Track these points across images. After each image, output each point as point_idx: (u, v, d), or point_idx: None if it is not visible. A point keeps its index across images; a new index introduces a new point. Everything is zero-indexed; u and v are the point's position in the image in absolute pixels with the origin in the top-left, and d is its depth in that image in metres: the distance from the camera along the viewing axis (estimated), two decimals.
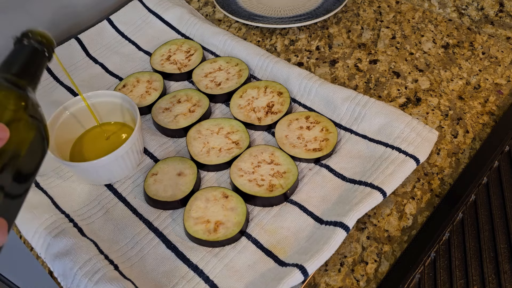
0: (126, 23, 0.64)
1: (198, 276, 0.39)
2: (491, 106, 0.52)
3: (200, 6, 0.71)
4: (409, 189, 0.45)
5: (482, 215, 0.42)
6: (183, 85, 0.57)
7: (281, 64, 0.55)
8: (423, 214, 0.44)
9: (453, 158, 0.48)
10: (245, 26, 0.66)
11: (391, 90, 0.55)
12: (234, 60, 0.57)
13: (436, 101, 0.53)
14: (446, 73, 0.56)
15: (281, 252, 0.40)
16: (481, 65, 0.57)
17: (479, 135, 0.50)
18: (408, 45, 0.61)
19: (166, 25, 0.65)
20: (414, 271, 0.39)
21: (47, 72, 0.58)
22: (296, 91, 0.53)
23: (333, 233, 0.39)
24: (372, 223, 0.43)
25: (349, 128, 0.49)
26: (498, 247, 0.40)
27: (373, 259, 0.41)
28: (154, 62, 0.58)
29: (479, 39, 0.60)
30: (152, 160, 0.49)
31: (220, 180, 0.47)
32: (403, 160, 0.44)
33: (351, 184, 0.44)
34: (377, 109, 0.48)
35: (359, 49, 0.61)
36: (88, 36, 0.62)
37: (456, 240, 0.41)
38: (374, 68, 0.58)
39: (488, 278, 0.38)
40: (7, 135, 0.27)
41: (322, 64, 0.59)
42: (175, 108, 0.52)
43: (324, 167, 0.47)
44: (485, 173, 0.45)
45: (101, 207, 0.45)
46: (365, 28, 0.64)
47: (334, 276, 0.40)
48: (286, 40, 0.63)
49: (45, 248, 0.40)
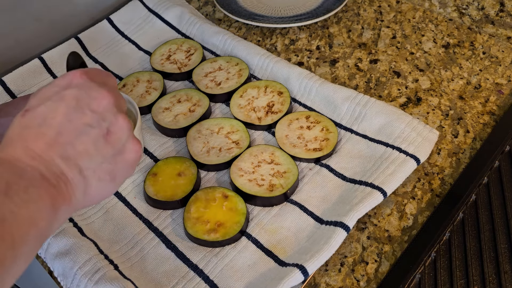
0: (126, 22, 0.64)
1: (198, 276, 0.39)
2: (492, 106, 0.52)
3: (200, 5, 0.70)
4: (409, 189, 0.45)
5: (483, 215, 0.42)
6: (183, 84, 0.57)
7: (282, 64, 0.55)
8: (423, 214, 0.43)
9: (454, 158, 0.48)
10: (245, 26, 0.66)
11: (391, 89, 0.55)
12: (234, 59, 0.57)
13: (437, 101, 0.53)
14: (446, 73, 0.56)
15: (281, 252, 0.40)
16: (482, 65, 0.57)
17: (479, 135, 0.50)
18: (409, 45, 0.60)
19: (166, 25, 0.65)
20: (415, 271, 0.39)
21: (47, 72, 0.58)
22: (297, 90, 0.53)
23: (334, 233, 0.39)
24: (372, 223, 0.43)
25: (350, 128, 0.49)
26: (499, 247, 0.40)
27: (374, 259, 0.41)
28: (154, 62, 0.58)
29: (479, 39, 0.60)
30: (152, 160, 0.49)
31: (220, 180, 0.47)
32: (404, 160, 0.44)
33: (352, 184, 0.44)
34: (377, 109, 0.48)
35: (359, 48, 0.61)
36: (88, 36, 0.62)
37: (457, 240, 0.41)
38: (375, 67, 0.58)
39: (488, 278, 0.38)
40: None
41: (323, 64, 0.59)
42: (175, 108, 0.52)
43: (324, 167, 0.46)
44: (485, 173, 0.45)
45: (101, 207, 0.45)
46: (366, 27, 0.64)
47: (334, 276, 0.40)
48: (287, 39, 0.63)
49: (45, 248, 0.40)
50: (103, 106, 0.30)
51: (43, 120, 0.28)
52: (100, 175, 0.30)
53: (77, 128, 0.28)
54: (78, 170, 0.28)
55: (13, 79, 0.55)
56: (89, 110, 0.29)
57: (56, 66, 0.58)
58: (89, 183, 0.29)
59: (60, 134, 0.28)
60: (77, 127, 0.28)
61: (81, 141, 0.28)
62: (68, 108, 0.29)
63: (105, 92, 0.30)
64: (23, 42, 0.58)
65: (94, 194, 0.30)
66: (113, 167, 0.30)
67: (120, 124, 0.30)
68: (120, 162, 0.31)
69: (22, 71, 0.56)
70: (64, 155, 0.28)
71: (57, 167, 0.27)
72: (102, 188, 0.30)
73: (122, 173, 0.31)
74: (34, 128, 0.28)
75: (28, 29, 0.58)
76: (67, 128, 0.28)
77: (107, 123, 0.30)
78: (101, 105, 0.30)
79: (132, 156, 0.31)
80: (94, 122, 0.29)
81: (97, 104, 0.30)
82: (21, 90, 0.55)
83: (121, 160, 0.31)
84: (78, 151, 0.28)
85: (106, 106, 0.30)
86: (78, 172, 0.28)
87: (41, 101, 0.29)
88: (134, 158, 0.32)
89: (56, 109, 0.28)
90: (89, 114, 0.29)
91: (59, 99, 0.29)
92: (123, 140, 0.31)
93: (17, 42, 0.57)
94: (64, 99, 0.29)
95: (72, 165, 0.28)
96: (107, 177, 0.30)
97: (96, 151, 0.29)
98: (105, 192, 0.31)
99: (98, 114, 0.29)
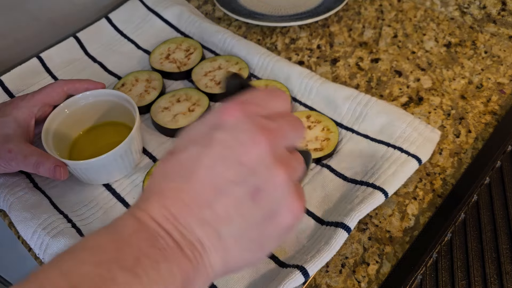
0: (125, 21, 0.64)
1: None
2: (494, 105, 0.52)
3: (200, 4, 0.70)
4: (411, 189, 0.45)
5: (484, 215, 0.42)
6: (182, 84, 0.57)
7: (282, 63, 0.54)
8: (425, 215, 0.43)
9: (455, 158, 0.47)
10: (245, 25, 0.65)
11: (392, 89, 0.55)
12: (234, 58, 0.57)
13: (438, 100, 0.53)
14: (448, 72, 0.56)
15: (282, 253, 0.40)
16: (484, 64, 0.57)
17: (481, 135, 0.49)
18: (410, 44, 0.60)
19: (166, 24, 0.64)
20: (416, 272, 0.38)
21: (46, 72, 0.57)
22: (297, 90, 0.53)
23: (334, 234, 0.39)
24: (373, 224, 0.43)
25: (351, 128, 0.49)
26: (500, 248, 0.39)
27: (375, 260, 0.40)
28: (153, 61, 0.58)
29: (481, 38, 0.60)
30: (151, 160, 0.48)
31: None
32: (405, 160, 0.44)
33: (353, 184, 0.44)
34: (378, 108, 0.48)
35: (360, 47, 0.60)
36: (87, 35, 0.61)
37: (458, 241, 0.40)
38: (376, 67, 0.57)
39: (490, 279, 0.38)
40: None
41: (323, 63, 0.59)
42: (174, 108, 0.52)
43: (325, 167, 0.46)
44: (487, 173, 0.45)
45: (100, 208, 0.44)
46: (367, 26, 0.63)
47: (335, 278, 0.39)
48: (287, 38, 0.62)
49: (44, 249, 0.40)
50: (254, 156, 0.23)
51: (185, 171, 0.23)
52: (243, 244, 0.24)
53: (218, 185, 0.23)
54: (217, 237, 0.23)
55: (11, 78, 0.55)
56: (236, 161, 0.23)
57: (55, 65, 0.58)
58: (230, 253, 0.24)
59: (200, 192, 0.23)
60: (217, 184, 0.23)
61: (222, 202, 0.23)
62: (212, 158, 0.23)
63: (259, 136, 0.23)
64: (21, 41, 0.57)
65: (235, 264, 0.24)
66: (260, 234, 0.24)
67: (275, 180, 0.23)
68: (271, 227, 0.24)
69: (21, 70, 0.56)
70: (202, 219, 0.23)
71: (193, 233, 0.23)
72: (246, 257, 0.24)
73: (272, 241, 0.25)
74: (174, 180, 0.23)
75: (27, 28, 0.57)
76: (207, 184, 0.23)
77: (257, 178, 0.23)
78: (251, 154, 0.23)
79: (288, 221, 0.24)
80: (239, 178, 0.23)
81: (246, 152, 0.23)
82: (19, 90, 0.55)
83: (272, 225, 0.24)
84: (217, 215, 0.23)
85: (258, 155, 0.23)
86: (217, 239, 0.23)
87: (188, 143, 0.24)
88: (290, 223, 0.24)
89: (199, 158, 0.23)
90: (234, 168, 0.23)
91: (205, 145, 0.23)
92: (278, 199, 0.24)
93: (15, 41, 0.57)
94: (211, 145, 0.23)
95: (211, 231, 0.23)
96: (252, 246, 0.24)
97: (238, 215, 0.23)
98: (249, 261, 0.25)
99: (246, 167, 0.23)
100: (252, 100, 0.25)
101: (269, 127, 0.24)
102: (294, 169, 0.25)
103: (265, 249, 0.25)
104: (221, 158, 0.23)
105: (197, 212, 0.23)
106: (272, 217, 0.24)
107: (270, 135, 0.23)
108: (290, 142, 0.25)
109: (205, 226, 0.23)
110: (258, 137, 0.23)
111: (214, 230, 0.23)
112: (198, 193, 0.23)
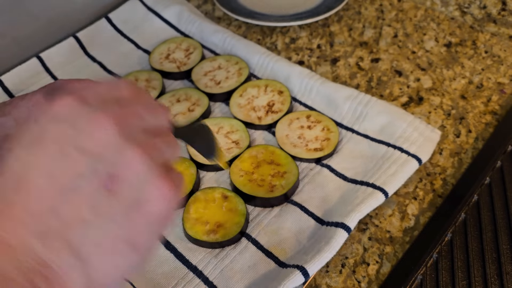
0: (125, 21, 0.64)
1: (197, 277, 0.39)
2: (494, 105, 0.52)
3: (200, 4, 0.70)
4: (411, 190, 0.45)
5: (485, 215, 0.42)
6: (182, 84, 0.57)
7: (282, 63, 0.54)
8: (425, 215, 0.43)
9: (456, 158, 0.47)
10: (245, 24, 0.65)
11: (393, 89, 0.54)
12: (234, 58, 0.57)
13: (439, 100, 0.53)
14: (448, 72, 0.56)
15: (282, 253, 0.40)
16: (484, 64, 0.56)
17: (481, 135, 0.49)
18: (410, 44, 0.60)
19: (165, 23, 0.64)
20: (416, 272, 0.38)
21: (45, 71, 0.57)
22: (297, 90, 0.53)
23: (334, 234, 0.39)
24: (373, 224, 0.43)
25: (351, 128, 0.49)
26: (501, 248, 0.39)
27: (375, 260, 0.40)
28: (153, 61, 0.58)
29: (481, 38, 0.60)
30: None
31: (219, 180, 0.46)
32: (405, 160, 0.44)
33: (353, 185, 0.44)
34: (379, 108, 0.48)
35: (360, 47, 0.60)
36: (87, 35, 0.61)
37: (459, 241, 0.40)
38: (376, 66, 0.57)
39: (490, 279, 0.38)
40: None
41: (323, 63, 0.58)
42: (174, 107, 0.52)
43: (325, 167, 0.46)
44: (487, 173, 0.45)
45: None
46: (367, 26, 0.63)
47: (335, 278, 0.39)
48: (287, 38, 0.62)
49: None
50: (98, 140, 0.19)
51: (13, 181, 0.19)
52: (108, 248, 0.19)
53: (61, 185, 0.19)
54: (68, 250, 0.19)
55: (11, 78, 0.55)
56: (78, 151, 0.19)
57: (55, 65, 0.58)
58: (92, 264, 0.19)
59: (38, 199, 0.19)
60: (61, 184, 0.19)
61: (69, 204, 0.19)
62: (46, 156, 0.19)
63: (102, 118, 0.19)
64: (21, 41, 0.57)
65: (106, 277, 0.20)
66: (128, 230, 0.20)
67: (130, 162, 0.20)
68: (140, 219, 0.20)
69: (20, 70, 0.56)
70: (43, 232, 0.18)
71: (32, 256, 0.18)
72: (118, 264, 0.20)
73: (146, 235, 0.21)
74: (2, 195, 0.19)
75: (26, 28, 0.57)
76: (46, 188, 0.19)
77: (107, 164, 0.19)
78: (94, 138, 0.19)
79: (159, 207, 0.20)
80: (85, 169, 0.19)
81: (88, 138, 0.19)
82: (19, 90, 0.55)
83: (140, 216, 0.20)
84: (65, 220, 0.19)
85: (104, 138, 0.19)
86: (69, 253, 0.19)
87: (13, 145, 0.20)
88: (162, 210, 0.20)
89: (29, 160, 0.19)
90: (76, 159, 0.19)
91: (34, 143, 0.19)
92: (140, 184, 0.20)
93: (15, 41, 0.57)
94: (41, 142, 0.19)
95: (57, 245, 0.19)
96: (121, 247, 0.20)
97: (93, 212, 0.19)
98: (125, 268, 0.21)
99: (91, 154, 0.19)
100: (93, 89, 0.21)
101: (114, 109, 0.20)
102: (159, 150, 0.21)
103: (140, 247, 0.20)
104: (58, 152, 0.19)
105: (35, 225, 0.18)
106: (138, 207, 0.20)
107: (116, 116, 0.20)
108: (148, 123, 0.22)
109: (48, 240, 0.18)
110: (100, 119, 0.19)
111: (63, 241, 0.19)
112: (35, 201, 0.19)
